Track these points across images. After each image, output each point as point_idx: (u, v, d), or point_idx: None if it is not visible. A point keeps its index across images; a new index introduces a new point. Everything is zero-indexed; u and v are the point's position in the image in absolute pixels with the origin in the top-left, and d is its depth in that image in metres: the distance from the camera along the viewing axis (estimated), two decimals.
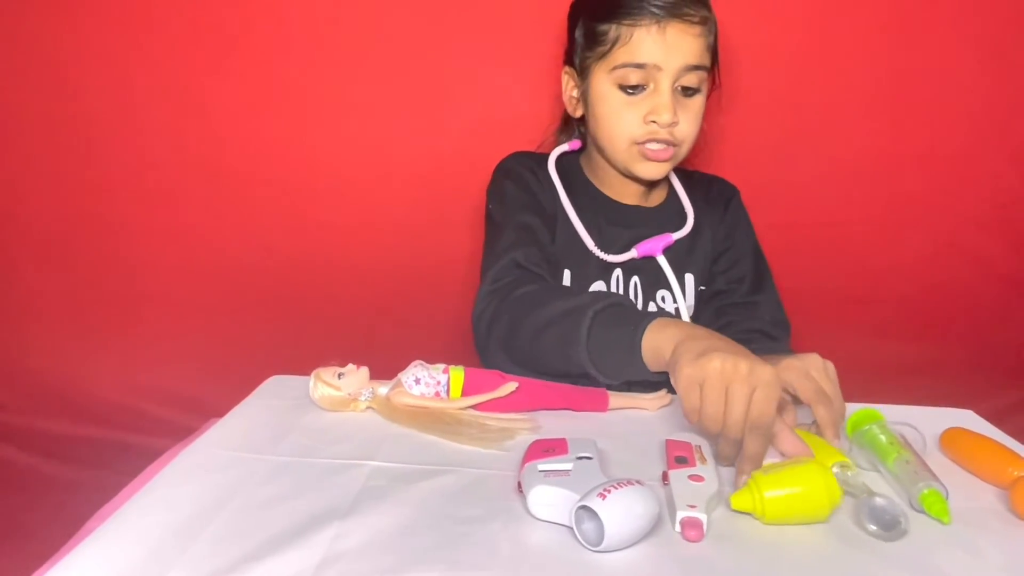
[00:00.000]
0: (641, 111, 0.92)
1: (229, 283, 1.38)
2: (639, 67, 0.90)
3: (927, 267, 1.36)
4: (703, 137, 1.24)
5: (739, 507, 0.57)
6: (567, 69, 1.01)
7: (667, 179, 1.07)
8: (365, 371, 0.76)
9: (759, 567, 0.52)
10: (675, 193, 1.06)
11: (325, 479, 0.62)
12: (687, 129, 0.94)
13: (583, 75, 0.97)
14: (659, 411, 0.80)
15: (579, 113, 1.01)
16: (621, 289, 1.01)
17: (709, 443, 0.66)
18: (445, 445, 0.69)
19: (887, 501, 0.57)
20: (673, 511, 0.56)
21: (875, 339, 1.38)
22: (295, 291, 1.37)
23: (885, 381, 1.36)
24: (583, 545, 0.52)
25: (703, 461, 0.62)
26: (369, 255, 1.33)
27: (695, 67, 0.91)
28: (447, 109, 1.31)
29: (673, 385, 0.65)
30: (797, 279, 1.05)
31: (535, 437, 0.67)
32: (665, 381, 0.68)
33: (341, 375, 0.75)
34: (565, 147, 1.06)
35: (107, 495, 0.66)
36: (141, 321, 1.40)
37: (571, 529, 0.53)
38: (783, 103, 1.29)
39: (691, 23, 0.90)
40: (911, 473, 0.62)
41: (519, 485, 0.58)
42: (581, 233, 0.99)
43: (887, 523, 0.55)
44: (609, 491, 0.52)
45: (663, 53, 0.89)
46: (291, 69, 1.29)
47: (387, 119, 1.31)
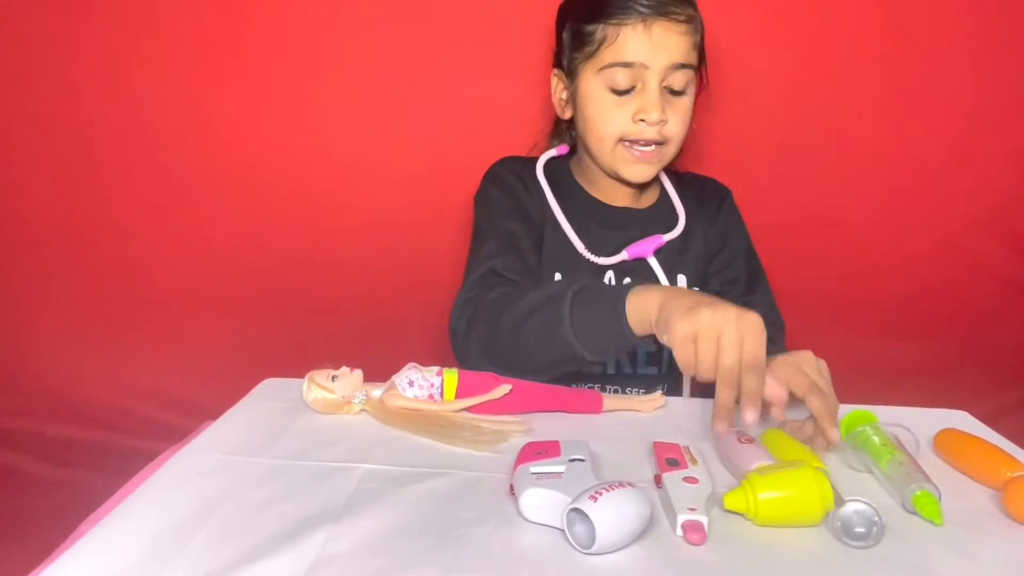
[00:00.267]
0: (629, 110, 0.92)
1: (224, 286, 1.38)
2: (626, 66, 0.91)
3: (923, 268, 1.36)
4: (697, 137, 1.25)
5: (732, 507, 0.57)
6: (556, 71, 1.01)
7: (658, 180, 1.07)
8: (359, 374, 0.77)
9: (753, 569, 0.52)
10: (666, 194, 1.06)
11: (318, 482, 0.62)
12: (675, 128, 0.94)
13: (571, 77, 0.98)
14: (653, 413, 0.80)
15: (568, 115, 1.01)
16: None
17: (701, 443, 0.66)
18: (438, 447, 0.69)
19: (857, 509, 0.55)
20: (672, 515, 0.56)
21: (870, 340, 1.38)
22: (290, 294, 1.37)
23: (879, 382, 1.36)
24: (575, 547, 0.52)
25: (694, 462, 0.62)
26: (364, 258, 1.33)
27: (682, 65, 0.91)
28: (444, 112, 1.31)
29: (666, 342, 0.67)
30: (793, 279, 1.05)
31: (528, 439, 0.67)
32: (660, 383, 0.68)
33: (335, 378, 0.75)
34: (553, 152, 1.06)
35: (102, 497, 0.66)
36: (137, 324, 1.40)
37: (563, 531, 0.53)
38: (780, 104, 1.29)
39: (677, 21, 0.90)
40: (904, 475, 0.62)
41: (511, 487, 0.59)
42: (571, 236, 0.99)
43: (861, 535, 0.55)
44: (600, 493, 0.52)
45: (650, 51, 0.89)
46: (291, 73, 1.29)
47: (383, 122, 1.31)
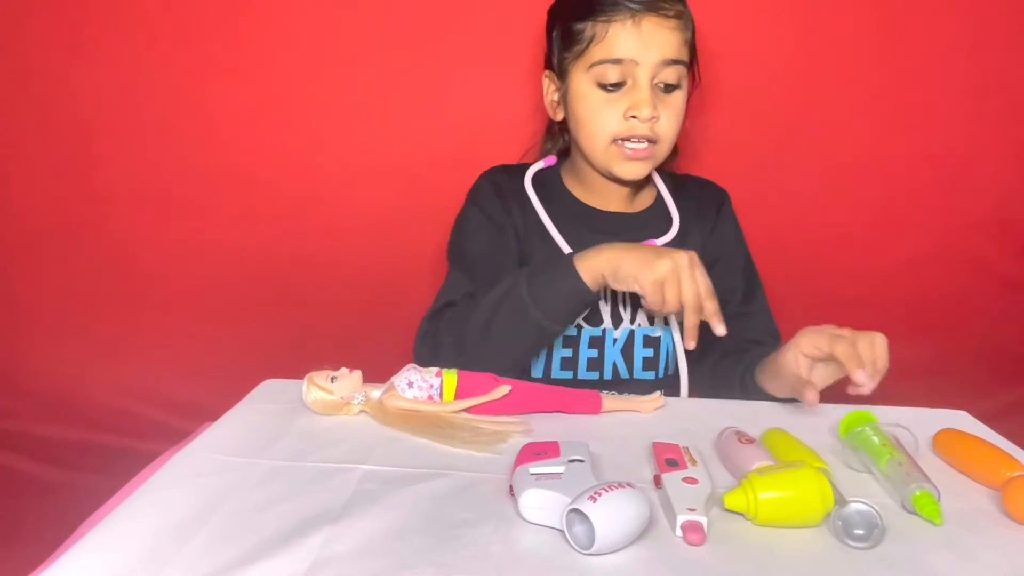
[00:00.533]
0: (620, 107, 0.92)
1: (224, 287, 1.38)
2: (616, 63, 0.90)
3: (922, 269, 1.36)
4: (694, 139, 1.25)
5: (732, 507, 0.57)
6: (547, 73, 1.01)
7: (653, 183, 1.06)
8: (358, 375, 0.76)
9: (752, 570, 0.52)
10: (662, 198, 1.05)
11: (317, 483, 0.62)
12: (667, 125, 0.93)
13: (562, 77, 0.97)
14: (652, 413, 0.80)
15: (560, 116, 1.01)
16: (609, 297, 0.99)
17: (701, 443, 0.66)
18: (437, 448, 0.69)
19: (859, 510, 0.55)
20: (672, 515, 0.56)
21: None
22: (289, 295, 1.37)
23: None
24: (574, 548, 0.52)
25: (693, 462, 0.62)
26: (364, 260, 1.33)
27: (673, 61, 0.91)
28: (444, 112, 1.31)
29: (636, 289, 0.80)
30: (792, 280, 1.05)
31: (527, 440, 0.67)
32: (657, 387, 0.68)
33: (334, 379, 0.75)
34: (541, 164, 1.06)
35: (102, 499, 0.66)
36: (136, 325, 1.41)
37: (562, 532, 0.53)
38: (777, 106, 1.29)
39: (666, 16, 0.89)
40: (903, 475, 0.62)
41: (511, 488, 0.58)
42: (560, 244, 0.98)
43: (861, 536, 0.55)
44: (600, 494, 0.52)
45: (639, 47, 0.89)
46: (292, 74, 1.29)
47: (383, 123, 1.31)
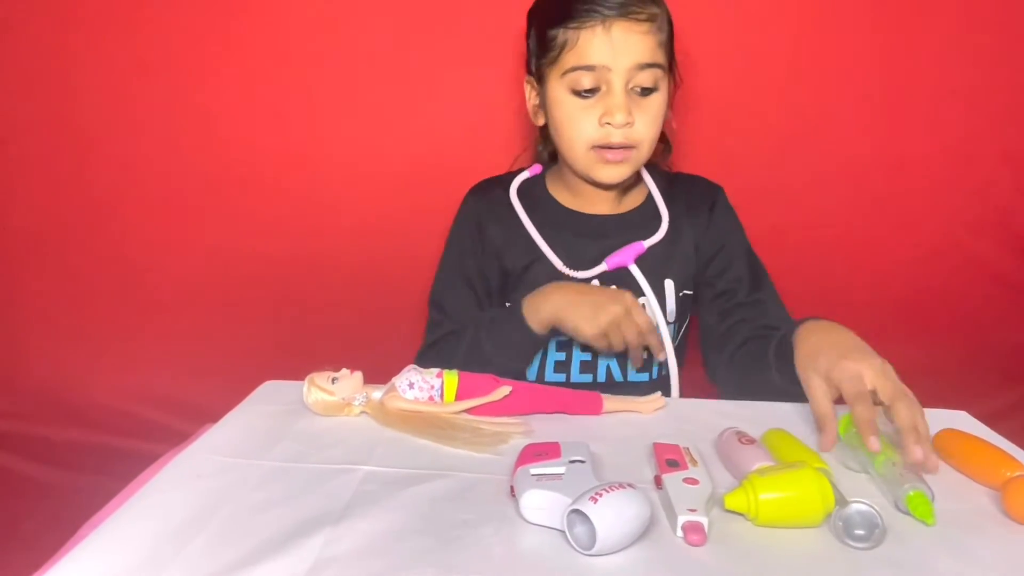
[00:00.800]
0: (596, 114, 0.91)
1: (224, 289, 1.38)
2: (589, 69, 0.90)
3: (920, 269, 1.36)
4: (694, 139, 1.25)
5: (733, 507, 0.57)
6: (528, 78, 1.00)
7: (643, 182, 1.05)
8: (359, 376, 0.77)
9: (753, 570, 0.52)
10: (652, 196, 1.04)
11: (318, 484, 0.62)
12: (644, 130, 0.92)
13: (540, 82, 0.97)
14: (653, 414, 0.80)
15: (541, 122, 1.01)
16: None
17: (701, 444, 0.67)
18: (438, 449, 0.69)
19: (860, 510, 0.55)
20: (673, 516, 0.56)
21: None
22: (290, 296, 1.37)
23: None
24: (575, 549, 0.52)
25: (694, 463, 0.62)
26: (364, 260, 1.33)
27: (647, 65, 0.90)
28: (445, 112, 1.30)
29: (581, 340, 0.88)
30: (790, 282, 1.05)
31: (528, 441, 0.68)
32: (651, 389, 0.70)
33: (335, 380, 0.75)
34: (526, 174, 1.06)
35: (103, 500, 0.66)
36: (137, 327, 1.40)
37: (563, 533, 0.53)
38: (775, 105, 1.29)
39: (637, 21, 0.89)
40: (897, 474, 0.62)
41: (512, 489, 0.59)
42: (547, 254, 0.98)
43: (862, 536, 0.55)
44: (600, 495, 0.52)
45: (611, 53, 0.88)
46: (290, 75, 1.29)
47: (384, 123, 1.31)
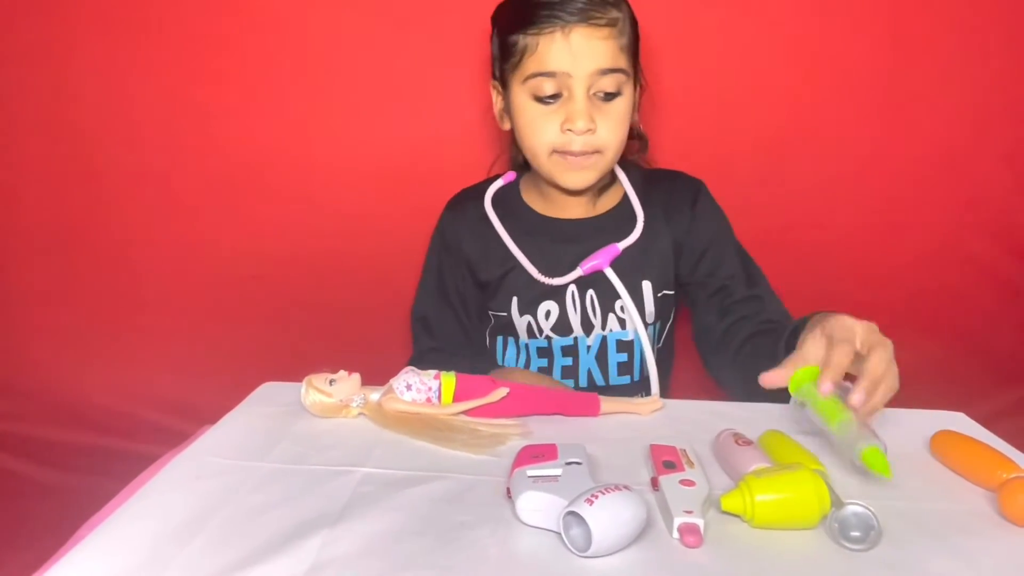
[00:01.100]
0: (557, 120, 0.91)
1: (223, 290, 1.38)
2: (550, 76, 0.89)
3: (920, 270, 1.36)
4: (694, 139, 1.25)
5: (729, 508, 0.57)
6: (493, 82, 1.00)
7: (619, 181, 1.05)
8: (357, 377, 0.77)
9: (749, 572, 0.52)
10: (628, 196, 1.03)
11: (316, 485, 0.62)
12: (607, 135, 0.92)
13: (504, 87, 0.96)
14: (650, 416, 0.80)
15: (507, 126, 1.00)
16: (578, 305, 1.00)
17: (698, 445, 0.67)
18: (436, 451, 0.69)
19: (856, 512, 0.55)
20: (669, 517, 0.56)
21: None
22: (288, 298, 1.37)
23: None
24: (571, 551, 0.52)
25: (691, 465, 0.62)
26: (363, 262, 1.33)
27: (609, 70, 0.89)
28: (449, 114, 1.30)
29: None
30: (788, 283, 1.05)
31: (525, 442, 0.68)
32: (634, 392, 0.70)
33: (333, 381, 0.75)
34: (500, 182, 1.06)
35: (101, 502, 0.66)
36: (136, 328, 1.40)
37: (559, 535, 0.53)
38: (775, 105, 1.29)
39: (597, 26, 0.88)
40: (851, 433, 0.63)
41: (508, 491, 0.59)
42: (523, 262, 0.98)
43: (858, 538, 0.55)
44: (596, 496, 0.52)
45: (570, 59, 0.88)
46: (290, 75, 1.29)
47: (385, 123, 1.30)
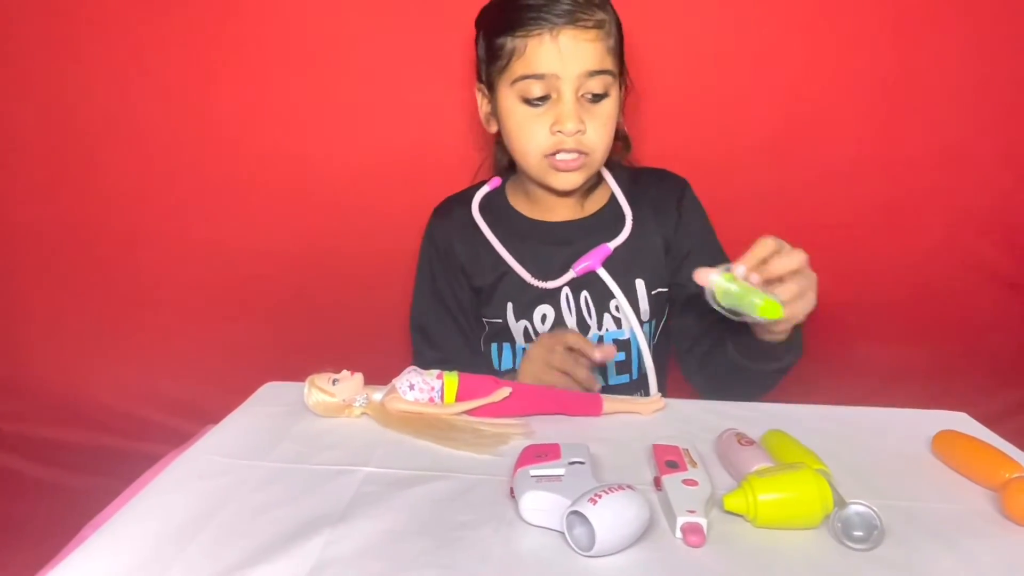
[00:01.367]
0: (547, 122, 0.91)
1: (226, 290, 1.38)
2: (538, 78, 0.89)
3: (922, 270, 1.36)
4: (693, 139, 1.25)
5: (732, 508, 0.57)
6: (478, 85, 1.00)
7: (605, 183, 1.05)
8: (359, 377, 0.77)
9: (752, 571, 0.52)
10: (615, 196, 1.04)
11: (318, 485, 0.62)
12: (595, 137, 0.92)
13: (491, 90, 0.96)
14: (653, 415, 0.80)
15: (494, 129, 1.00)
16: (573, 307, 1.00)
17: (701, 445, 0.67)
18: (439, 450, 0.69)
19: (858, 511, 0.55)
20: (672, 517, 0.56)
21: (869, 342, 1.38)
22: (291, 298, 1.37)
23: (879, 383, 1.36)
24: (574, 550, 0.52)
25: (693, 464, 0.62)
26: (366, 262, 1.33)
27: (597, 72, 0.90)
28: (450, 114, 1.30)
29: None
30: None
31: (528, 442, 0.68)
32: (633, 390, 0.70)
33: (336, 381, 0.76)
34: (487, 188, 1.06)
35: (104, 501, 0.66)
36: (138, 328, 1.41)
37: (563, 534, 0.53)
38: (774, 105, 1.29)
39: (585, 28, 0.88)
40: (748, 289, 0.70)
41: (511, 490, 0.59)
42: (515, 267, 0.98)
43: (861, 537, 0.55)
44: (600, 496, 0.52)
45: (559, 61, 0.88)
46: (290, 75, 1.29)
47: (387, 126, 1.30)
